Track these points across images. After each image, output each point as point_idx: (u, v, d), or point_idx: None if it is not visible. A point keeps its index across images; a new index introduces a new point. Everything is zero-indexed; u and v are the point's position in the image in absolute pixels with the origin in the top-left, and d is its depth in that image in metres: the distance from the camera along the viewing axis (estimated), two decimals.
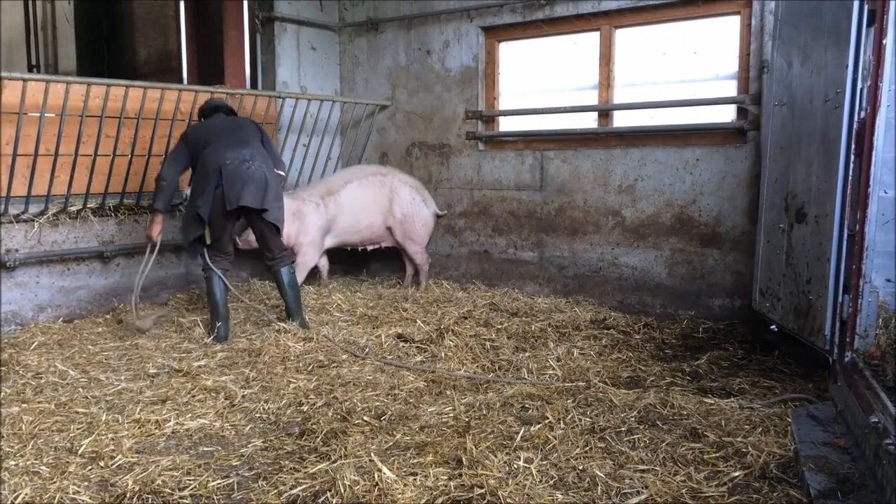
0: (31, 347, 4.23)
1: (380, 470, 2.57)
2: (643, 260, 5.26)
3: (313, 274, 6.00)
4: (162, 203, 4.51)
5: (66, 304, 4.97)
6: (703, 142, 4.98)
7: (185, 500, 2.48)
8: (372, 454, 2.73)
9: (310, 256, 5.70)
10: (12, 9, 9.20)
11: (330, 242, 5.88)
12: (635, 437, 2.94)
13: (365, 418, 3.16)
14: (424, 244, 5.99)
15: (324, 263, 6.04)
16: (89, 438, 2.92)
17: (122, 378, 3.72)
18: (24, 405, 3.29)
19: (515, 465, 2.64)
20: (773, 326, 3.91)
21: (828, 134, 3.18)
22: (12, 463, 2.71)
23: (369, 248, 6.10)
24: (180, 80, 7.50)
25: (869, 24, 2.87)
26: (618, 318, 4.94)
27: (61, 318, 4.88)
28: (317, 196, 5.72)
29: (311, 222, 5.63)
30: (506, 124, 6.07)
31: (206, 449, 2.91)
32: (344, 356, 4.06)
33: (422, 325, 4.69)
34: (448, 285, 5.99)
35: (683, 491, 2.48)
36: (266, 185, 4.35)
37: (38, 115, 4.54)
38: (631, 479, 2.58)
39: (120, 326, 4.76)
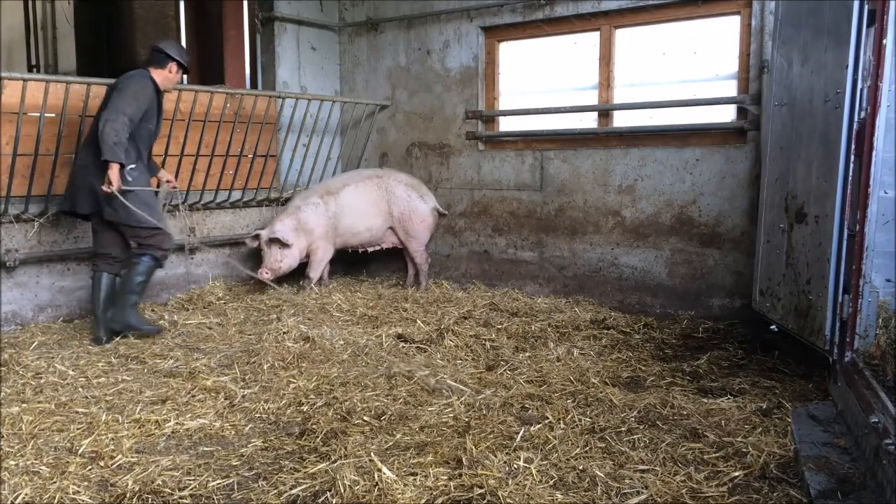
0: (31, 347, 4.23)
1: (380, 470, 2.57)
2: (643, 260, 5.26)
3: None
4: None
5: (66, 304, 4.96)
6: (703, 142, 4.98)
7: (185, 500, 2.48)
8: (372, 454, 2.73)
9: (322, 251, 5.78)
10: (12, 9, 9.18)
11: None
12: (635, 437, 2.94)
13: (365, 418, 3.16)
14: (425, 241, 5.99)
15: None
16: (89, 438, 2.92)
17: (122, 378, 3.72)
18: (24, 405, 3.29)
19: (515, 465, 2.64)
20: (773, 326, 3.91)
21: (828, 134, 3.18)
22: (12, 463, 2.71)
23: (370, 249, 6.11)
24: (180, 80, 7.48)
25: (869, 24, 2.87)
26: (618, 318, 4.95)
27: (61, 318, 4.88)
28: (315, 196, 5.75)
29: (314, 222, 5.68)
30: (506, 124, 6.07)
31: (206, 449, 2.91)
32: (344, 356, 4.06)
33: (422, 325, 4.69)
34: (448, 285, 5.99)
35: (683, 491, 2.48)
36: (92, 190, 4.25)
37: (38, 115, 4.54)
38: (631, 479, 2.58)
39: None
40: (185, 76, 4.71)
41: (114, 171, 4.11)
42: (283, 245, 5.53)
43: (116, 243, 4.46)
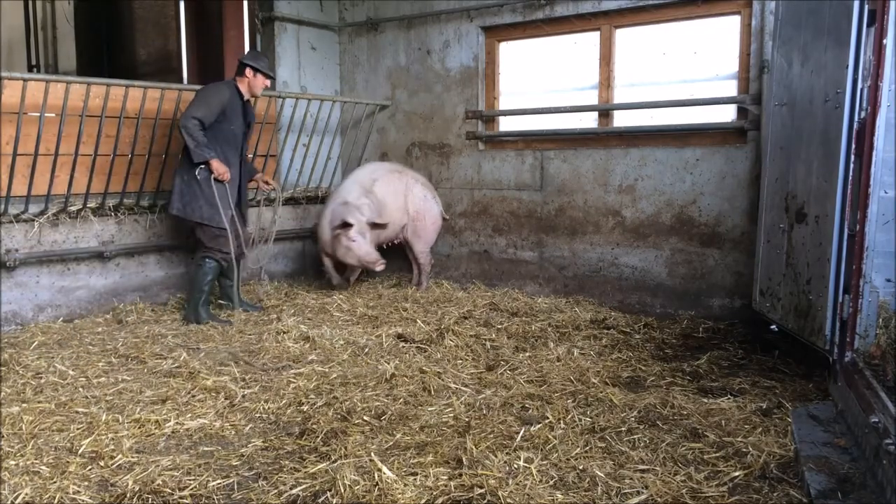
0: (31, 347, 4.23)
1: (380, 470, 2.57)
2: (643, 260, 5.26)
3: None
4: None
5: (66, 304, 4.96)
6: (703, 142, 4.97)
7: (185, 500, 2.48)
8: (372, 454, 2.73)
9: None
10: (12, 9, 9.19)
11: None
12: (635, 437, 2.94)
13: (365, 418, 3.16)
14: (431, 242, 5.98)
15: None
16: (89, 438, 2.92)
17: (122, 378, 3.72)
18: (24, 405, 3.29)
19: (515, 465, 2.64)
20: (773, 326, 3.91)
21: (828, 134, 3.18)
22: (12, 463, 2.71)
23: (385, 245, 6.03)
24: (180, 80, 7.51)
25: (869, 24, 2.87)
26: (618, 318, 4.95)
27: (61, 318, 4.87)
28: (362, 197, 5.59)
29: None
30: (506, 124, 6.07)
31: (206, 449, 2.91)
32: (345, 356, 4.06)
33: (422, 325, 4.69)
34: (448, 285, 5.99)
35: (683, 491, 2.48)
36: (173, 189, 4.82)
37: (38, 114, 4.54)
38: (631, 479, 2.58)
39: (120, 326, 4.75)
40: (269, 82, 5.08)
41: (213, 164, 4.66)
42: (374, 228, 5.43)
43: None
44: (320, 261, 5.91)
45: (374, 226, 5.43)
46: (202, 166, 4.67)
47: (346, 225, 5.34)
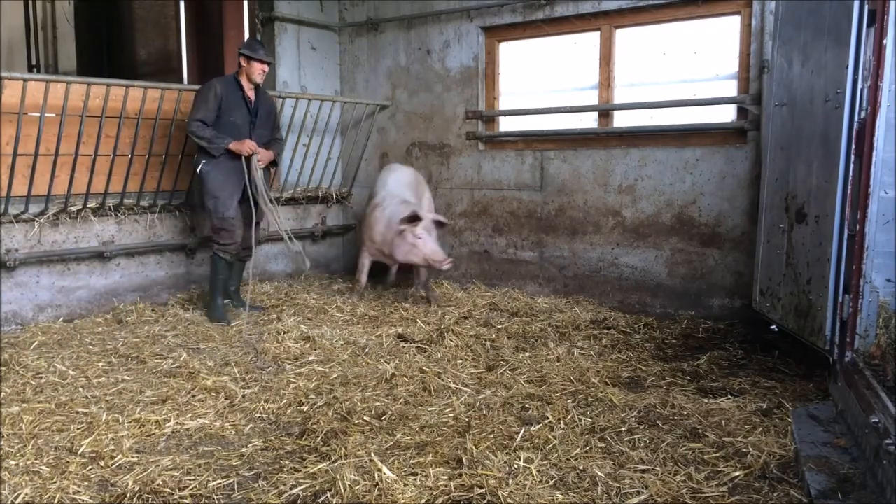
0: (31, 347, 4.23)
1: (380, 470, 2.57)
2: (643, 260, 5.26)
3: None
4: None
5: (66, 304, 4.96)
6: (703, 142, 4.97)
7: (185, 500, 2.48)
8: (372, 454, 2.73)
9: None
10: (12, 9, 9.20)
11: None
12: (635, 437, 2.94)
13: (365, 418, 3.16)
14: None
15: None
16: (89, 438, 2.92)
17: (122, 378, 3.72)
18: (24, 405, 3.29)
19: (515, 465, 2.64)
20: (773, 326, 3.91)
21: (828, 134, 3.18)
22: (12, 463, 2.71)
23: None
24: (180, 80, 7.49)
25: (869, 24, 2.87)
26: (618, 318, 4.95)
27: (61, 318, 4.87)
28: (410, 195, 5.52)
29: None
30: (506, 124, 6.06)
31: (206, 449, 2.91)
32: (345, 356, 4.06)
33: (422, 325, 4.69)
34: (448, 285, 5.99)
35: (683, 491, 2.48)
36: None
37: (39, 115, 4.54)
38: (631, 479, 2.58)
39: (120, 326, 4.76)
40: (266, 66, 5.02)
41: (233, 147, 4.78)
42: (438, 227, 5.33)
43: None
44: (358, 266, 5.64)
45: (438, 225, 5.32)
46: (203, 160, 4.81)
47: (415, 219, 5.12)
